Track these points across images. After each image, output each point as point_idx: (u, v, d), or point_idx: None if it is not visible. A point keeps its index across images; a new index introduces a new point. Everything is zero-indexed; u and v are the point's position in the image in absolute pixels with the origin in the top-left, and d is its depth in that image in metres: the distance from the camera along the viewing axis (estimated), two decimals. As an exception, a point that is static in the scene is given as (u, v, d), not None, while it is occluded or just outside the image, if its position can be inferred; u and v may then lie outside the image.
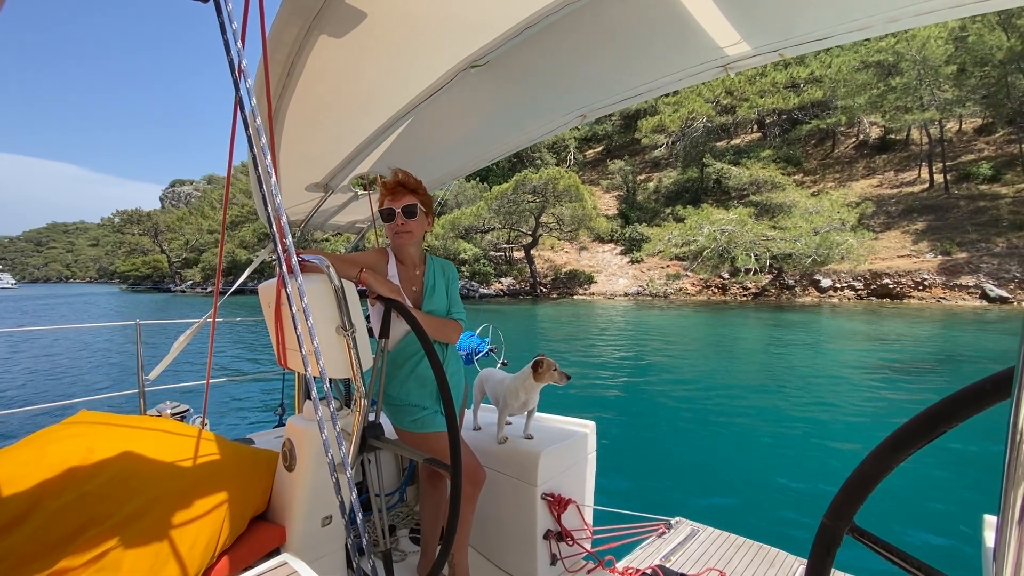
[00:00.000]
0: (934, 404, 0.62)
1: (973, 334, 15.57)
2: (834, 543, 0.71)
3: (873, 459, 0.68)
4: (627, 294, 32.52)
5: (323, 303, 1.60)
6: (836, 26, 1.54)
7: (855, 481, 0.69)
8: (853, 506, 0.69)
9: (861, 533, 0.70)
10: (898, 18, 1.47)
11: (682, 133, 39.23)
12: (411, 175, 2.09)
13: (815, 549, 0.73)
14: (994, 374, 0.57)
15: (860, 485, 0.69)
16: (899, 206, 30.22)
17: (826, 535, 0.71)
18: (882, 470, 0.67)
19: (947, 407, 0.61)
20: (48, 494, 1.47)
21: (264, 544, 1.85)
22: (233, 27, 1.25)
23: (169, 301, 46.51)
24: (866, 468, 0.69)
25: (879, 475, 0.68)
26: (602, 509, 2.67)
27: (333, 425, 1.49)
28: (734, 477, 5.59)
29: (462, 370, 2.36)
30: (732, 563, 2.42)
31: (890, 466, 0.67)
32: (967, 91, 28.20)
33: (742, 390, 9.50)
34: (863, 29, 1.54)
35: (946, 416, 0.61)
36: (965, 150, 32.12)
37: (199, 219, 70.81)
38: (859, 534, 0.70)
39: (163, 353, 2.41)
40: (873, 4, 1.45)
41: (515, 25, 1.54)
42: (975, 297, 22.78)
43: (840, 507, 0.70)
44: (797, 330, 17.49)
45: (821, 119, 36.53)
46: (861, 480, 0.69)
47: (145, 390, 2.85)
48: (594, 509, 2.64)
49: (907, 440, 0.65)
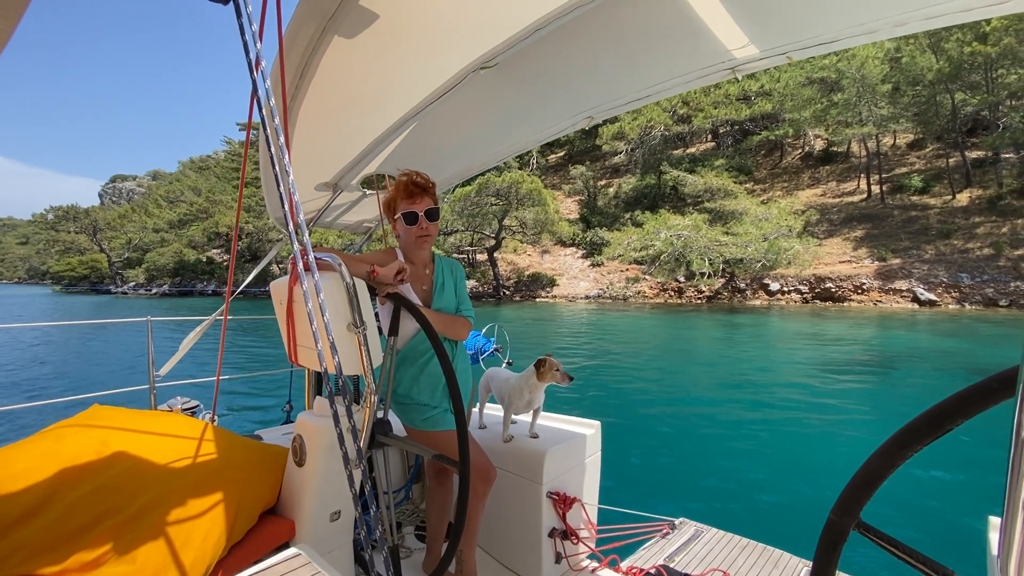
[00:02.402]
0: (941, 401, 0.63)
1: (907, 335, 16.75)
2: (840, 538, 0.71)
3: (880, 456, 0.68)
4: (588, 297, 33.09)
5: (335, 300, 1.61)
6: (844, 29, 1.56)
7: (862, 477, 0.70)
8: (860, 502, 0.70)
9: (868, 529, 0.70)
10: (906, 22, 1.48)
11: (641, 141, 40.45)
12: (424, 176, 2.07)
13: (822, 544, 0.73)
14: (1000, 372, 0.57)
15: (867, 481, 0.69)
16: (840, 214, 32.11)
17: (833, 530, 0.72)
18: (888, 467, 0.68)
19: (953, 404, 0.62)
20: (64, 486, 1.46)
21: (274, 538, 1.85)
22: (252, 29, 1.28)
23: (110, 304, 43.83)
24: (872, 465, 0.69)
25: (885, 472, 0.68)
26: (607, 508, 2.68)
27: (349, 418, 1.51)
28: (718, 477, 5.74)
29: (470, 368, 2.39)
30: (736, 564, 2.41)
31: (896, 463, 0.67)
32: (900, 108, 30.38)
33: (717, 392, 9.87)
34: (871, 33, 1.55)
35: (952, 413, 0.61)
36: (899, 163, 34.50)
37: (143, 217, 66.85)
38: (866, 530, 0.70)
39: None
40: (881, 8, 1.46)
41: (525, 27, 1.57)
42: (907, 300, 24.47)
43: (847, 503, 0.71)
44: (746, 331, 18.32)
45: (770, 131, 38.37)
46: (867, 476, 0.69)
47: (156, 386, 2.76)
48: (599, 508, 2.65)
49: (914, 437, 0.65)
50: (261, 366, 11.80)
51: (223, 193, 58.09)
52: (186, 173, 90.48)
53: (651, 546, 2.62)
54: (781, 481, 5.54)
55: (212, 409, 1.97)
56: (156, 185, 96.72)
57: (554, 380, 2.31)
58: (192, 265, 53.38)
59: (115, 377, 11.70)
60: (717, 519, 2.86)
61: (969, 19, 1.42)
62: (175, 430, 1.82)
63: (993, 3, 1.35)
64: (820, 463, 6.04)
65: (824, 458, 6.19)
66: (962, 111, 29.37)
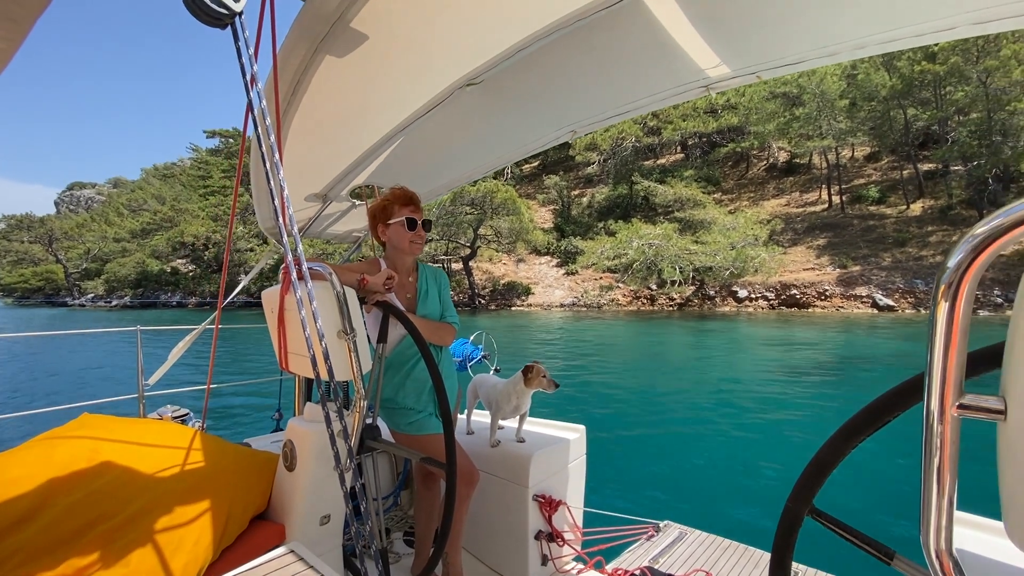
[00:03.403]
0: (877, 398, 0.71)
1: (867, 339, 17.47)
2: (796, 523, 0.79)
3: (828, 448, 0.76)
4: (563, 305, 33.38)
5: (326, 308, 1.65)
6: (808, 52, 1.67)
7: (813, 468, 0.78)
8: (812, 490, 0.78)
9: (819, 514, 0.78)
10: (864, 45, 1.59)
11: (613, 152, 41.30)
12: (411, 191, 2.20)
13: (780, 529, 0.81)
14: (919, 374, 0.63)
15: (817, 471, 0.77)
16: (804, 224, 33.33)
17: (789, 516, 0.80)
18: (836, 457, 0.75)
19: (887, 401, 0.70)
20: (57, 492, 1.47)
21: (265, 542, 1.87)
22: (249, 51, 1.34)
23: (66, 316, 42.00)
24: (822, 456, 0.77)
25: (834, 461, 0.76)
26: (592, 511, 2.72)
27: (340, 421, 1.55)
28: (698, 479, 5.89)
29: (455, 373, 2.44)
30: (719, 564, 2.47)
31: (843, 452, 0.75)
32: (857, 122, 31.82)
33: (693, 396, 10.09)
34: (832, 55, 1.66)
35: (887, 407, 0.70)
36: (857, 175, 36.08)
37: (103, 226, 64.38)
38: (817, 515, 0.78)
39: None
40: (841, 33, 1.57)
41: (508, 48, 1.65)
42: (867, 306, 25.51)
43: (801, 491, 0.78)
44: (717, 337, 18.79)
45: (736, 143, 39.69)
46: (818, 466, 0.77)
47: (145, 395, 2.71)
48: (584, 511, 2.68)
49: (856, 430, 0.73)
50: (249, 375, 11.56)
51: (189, 202, 56.47)
52: (149, 181, 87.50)
53: (636, 548, 2.65)
54: (757, 481, 5.72)
55: (202, 417, 1.98)
56: (117, 193, 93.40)
57: (541, 387, 2.37)
58: (155, 276, 51.56)
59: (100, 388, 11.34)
60: (700, 520, 2.94)
61: (921, 43, 1.55)
62: (165, 437, 1.83)
63: (941, 29, 1.47)
64: (790, 461, 6.27)
65: (792, 456, 6.42)
66: (914, 126, 31.00)
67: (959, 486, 0.57)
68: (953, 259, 0.52)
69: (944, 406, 0.54)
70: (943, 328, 0.53)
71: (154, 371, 2.41)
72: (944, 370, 0.54)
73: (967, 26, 1.42)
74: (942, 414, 0.55)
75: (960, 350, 0.53)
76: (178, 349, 2.31)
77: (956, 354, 0.53)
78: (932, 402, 0.55)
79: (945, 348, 0.53)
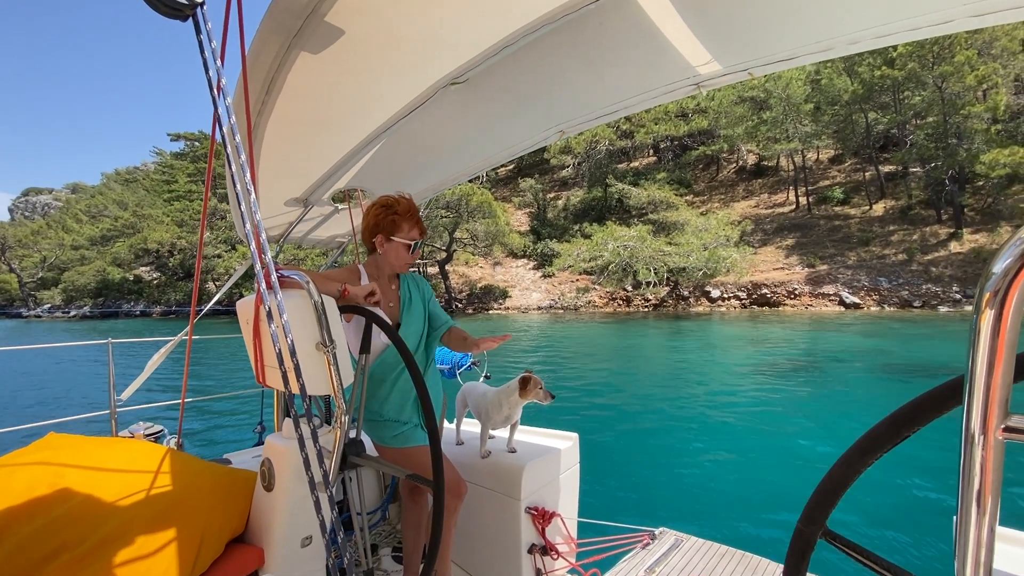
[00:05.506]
0: (897, 410, 0.64)
1: (837, 335, 17.99)
2: (808, 547, 0.72)
3: (842, 464, 0.69)
4: (540, 308, 33.44)
5: (303, 319, 1.54)
6: (800, 47, 1.63)
7: (826, 486, 0.71)
8: (825, 511, 0.71)
9: (833, 537, 0.71)
10: (858, 40, 1.55)
11: (587, 155, 41.67)
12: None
13: (790, 553, 0.74)
14: (950, 380, 0.59)
15: (831, 490, 0.70)
16: (773, 224, 34.22)
17: (800, 540, 0.73)
18: (851, 475, 0.68)
19: (909, 412, 0.63)
20: (16, 520, 1.34)
21: (242, 567, 1.76)
22: (213, 46, 1.24)
23: (21, 329, 40.01)
24: (836, 473, 0.70)
25: (849, 480, 0.69)
26: (586, 521, 2.65)
27: (314, 442, 1.44)
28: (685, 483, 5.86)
29: (440, 382, 2.37)
30: (716, 572, 2.43)
31: (859, 470, 0.68)
32: (822, 126, 32.84)
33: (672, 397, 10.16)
34: (826, 51, 1.62)
35: (909, 420, 0.63)
36: (822, 176, 37.23)
37: (61, 233, 61.63)
38: (831, 538, 0.71)
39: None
40: (835, 27, 1.53)
41: (494, 44, 1.58)
42: (835, 304, 26.29)
43: (813, 512, 0.72)
44: (692, 337, 19.08)
45: (707, 146, 40.50)
46: (832, 485, 0.70)
47: (117, 411, 2.53)
48: (578, 522, 2.62)
49: (874, 445, 0.66)
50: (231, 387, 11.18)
51: (153, 207, 54.60)
52: (110, 186, 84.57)
53: (631, 557, 2.60)
54: (749, 483, 5.71)
55: (178, 433, 1.85)
56: (76, 199, 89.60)
57: (536, 398, 2.30)
58: (117, 284, 49.64)
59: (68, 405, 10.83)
60: (693, 527, 2.90)
61: (917, 37, 1.53)
62: (136, 457, 1.70)
63: (937, 23, 1.45)
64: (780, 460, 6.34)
65: (784, 455, 6.50)
66: (875, 129, 32.17)
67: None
68: (999, 264, 0.45)
69: (987, 428, 0.48)
70: (987, 341, 0.47)
71: (126, 387, 2.26)
72: (988, 388, 0.48)
73: (964, 19, 1.39)
74: (985, 437, 0.48)
75: (1007, 366, 0.47)
76: (153, 362, 2.17)
77: (1002, 371, 0.47)
78: (972, 423, 0.49)
79: (990, 364, 0.47)
